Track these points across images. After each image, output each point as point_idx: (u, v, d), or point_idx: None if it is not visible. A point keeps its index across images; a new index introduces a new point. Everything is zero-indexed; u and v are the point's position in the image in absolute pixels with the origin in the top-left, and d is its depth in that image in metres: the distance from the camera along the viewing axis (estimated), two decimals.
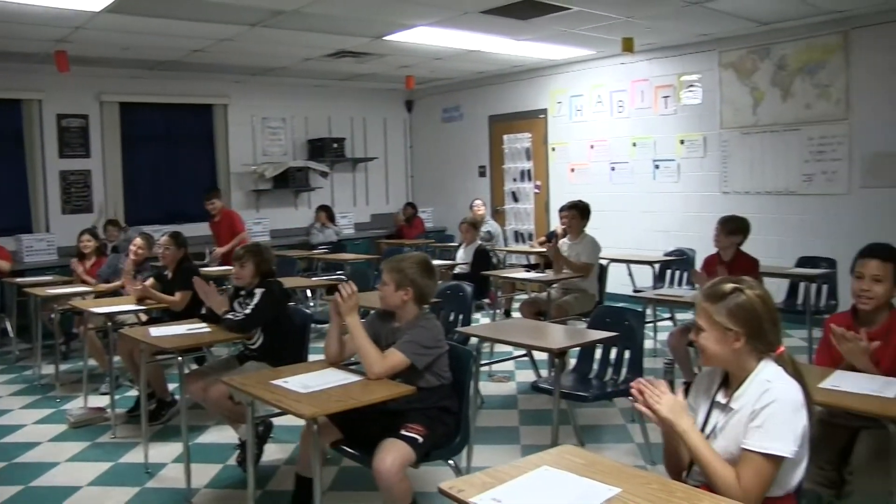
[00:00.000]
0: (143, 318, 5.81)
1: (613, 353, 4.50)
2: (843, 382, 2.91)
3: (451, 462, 3.40)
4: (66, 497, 4.12)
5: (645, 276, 7.83)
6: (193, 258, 6.23)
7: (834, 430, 3.08)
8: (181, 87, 10.07)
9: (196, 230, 9.02)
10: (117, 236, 8.46)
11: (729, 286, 2.30)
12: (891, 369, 3.01)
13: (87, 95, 9.48)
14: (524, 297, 7.55)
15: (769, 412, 2.12)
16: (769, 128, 8.04)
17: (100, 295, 6.50)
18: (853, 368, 3.04)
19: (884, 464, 2.74)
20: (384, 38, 7.82)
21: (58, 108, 9.31)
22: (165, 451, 4.72)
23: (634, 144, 9.34)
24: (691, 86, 8.72)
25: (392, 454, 3.05)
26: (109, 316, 5.42)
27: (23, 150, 9.20)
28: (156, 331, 4.50)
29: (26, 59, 8.18)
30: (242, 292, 4.53)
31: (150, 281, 5.82)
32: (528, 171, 10.79)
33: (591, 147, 9.84)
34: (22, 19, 6.48)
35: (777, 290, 6.67)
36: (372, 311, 3.83)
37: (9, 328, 7.91)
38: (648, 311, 6.88)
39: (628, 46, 8.00)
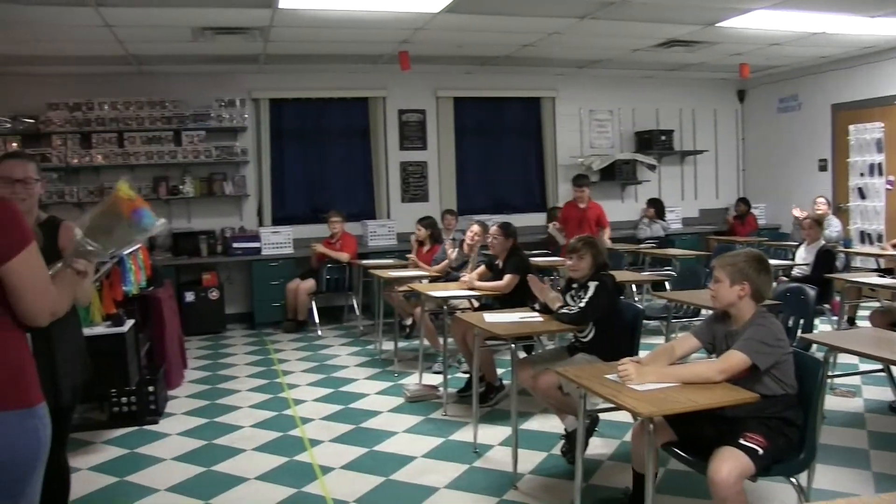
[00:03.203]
0: (475, 303, 6.03)
1: None
2: None
3: (792, 480, 3.11)
4: (403, 465, 4.41)
5: None
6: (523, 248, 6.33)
7: None
8: (510, 82, 10.36)
9: (522, 220, 9.18)
10: (454, 224, 8.90)
11: None
12: None
13: (424, 91, 10.11)
14: (873, 304, 6.76)
15: None
16: None
17: (434, 280, 6.89)
18: None
19: None
20: (717, 24, 7.42)
21: (399, 104, 10.05)
22: (493, 434, 4.85)
23: None
24: None
25: (729, 464, 2.85)
26: (444, 300, 5.72)
27: (368, 144, 10.06)
28: (490, 317, 4.63)
29: (373, 60, 8.93)
30: (574, 285, 4.48)
31: (482, 268, 6.04)
32: (879, 164, 9.64)
33: None
34: (370, 25, 7.07)
35: None
36: (710, 313, 3.59)
37: (355, 305, 8.70)
38: None
39: None
